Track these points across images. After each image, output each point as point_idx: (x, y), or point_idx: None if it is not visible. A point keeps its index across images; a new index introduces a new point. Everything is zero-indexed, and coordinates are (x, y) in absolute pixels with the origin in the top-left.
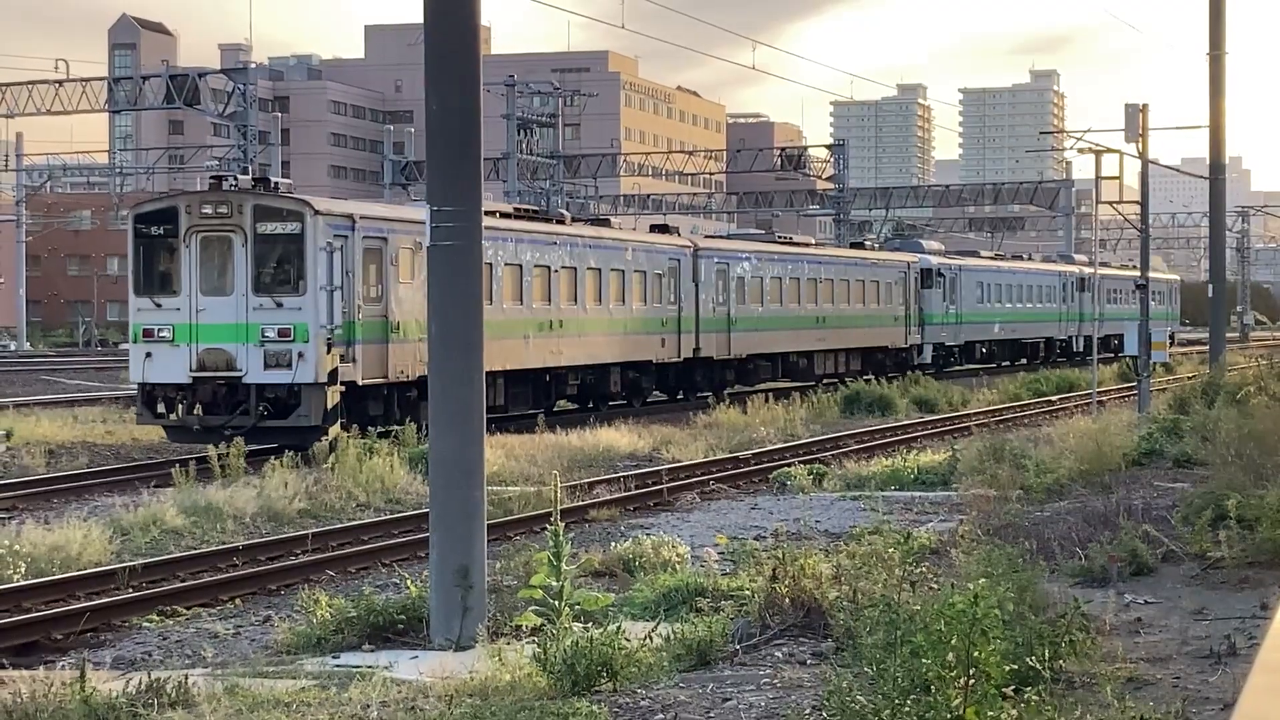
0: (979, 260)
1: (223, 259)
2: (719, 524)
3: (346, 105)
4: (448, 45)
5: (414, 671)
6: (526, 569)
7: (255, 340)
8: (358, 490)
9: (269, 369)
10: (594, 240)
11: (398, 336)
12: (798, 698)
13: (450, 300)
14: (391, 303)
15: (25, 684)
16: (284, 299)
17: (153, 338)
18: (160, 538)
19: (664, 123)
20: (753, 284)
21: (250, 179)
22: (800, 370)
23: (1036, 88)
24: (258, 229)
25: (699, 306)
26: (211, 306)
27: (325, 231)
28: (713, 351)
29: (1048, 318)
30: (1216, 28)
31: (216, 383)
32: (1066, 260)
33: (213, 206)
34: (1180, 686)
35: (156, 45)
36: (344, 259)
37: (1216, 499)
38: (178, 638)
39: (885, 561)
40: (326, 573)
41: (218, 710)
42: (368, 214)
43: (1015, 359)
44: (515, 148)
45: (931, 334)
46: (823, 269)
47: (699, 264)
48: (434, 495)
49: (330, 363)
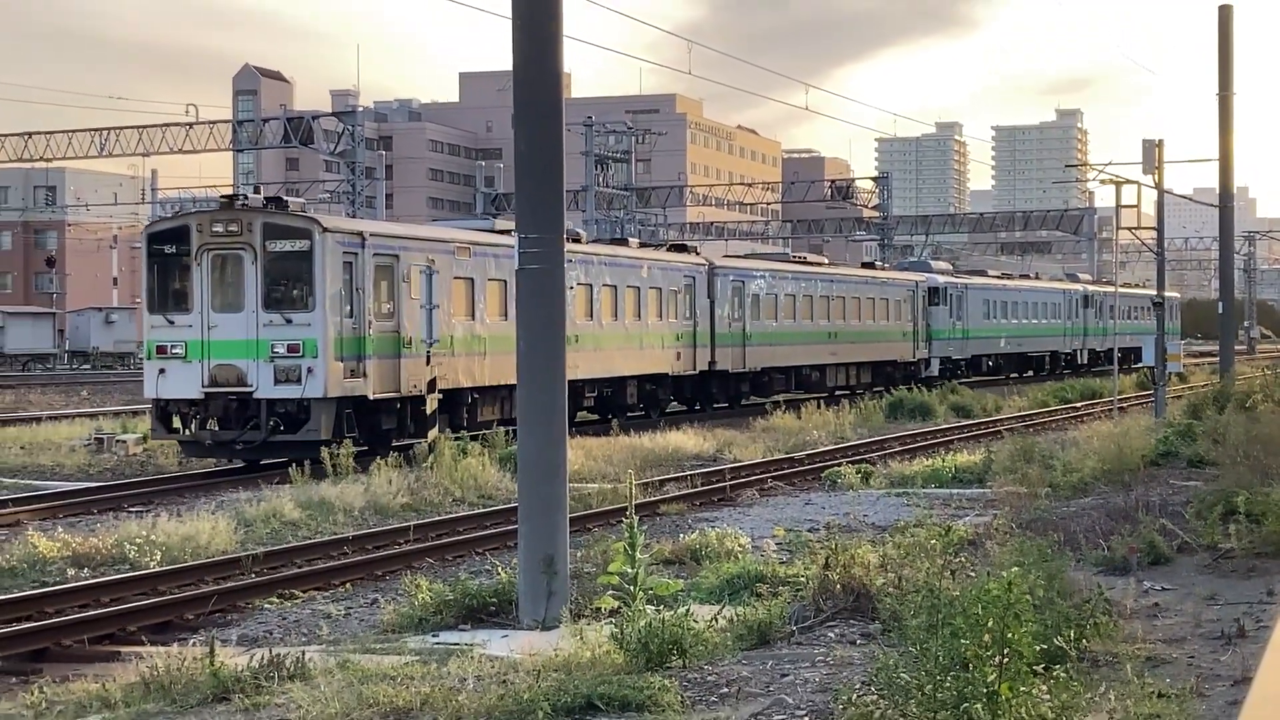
0: (985, 279)
1: (234, 276)
2: (776, 518)
3: (443, 144)
4: (534, 91)
5: (505, 649)
6: (604, 557)
7: (265, 356)
8: (453, 487)
9: (279, 384)
10: (609, 258)
11: (410, 351)
12: (848, 674)
13: (536, 317)
14: (404, 319)
15: (161, 659)
16: (293, 315)
17: (166, 354)
18: (279, 529)
19: (726, 158)
20: (767, 300)
21: (262, 198)
22: (813, 382)
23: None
24: (267, 246)
25: (714, 322)
26: (223, 323)
27: (334, 249)
28: (728, 365)
29: (1053, 332)
30: (1225, 70)
31: (228, 398)
32: (1072, 279)
33: (223, 225)
34: (1194, 665)
35: (275, 91)
36: (354, 276)
37: (1227, 496)
38: (295, 618)
39: (927, 551)
40: (426, 560)
41: (332, 683)
42: (378, 232)
43: (1022, 371)
44: (593, 181)
45: (938, 348)
46: (834, 287)
47: (714, 281)
48: (522, 491)
49: (429, 372)
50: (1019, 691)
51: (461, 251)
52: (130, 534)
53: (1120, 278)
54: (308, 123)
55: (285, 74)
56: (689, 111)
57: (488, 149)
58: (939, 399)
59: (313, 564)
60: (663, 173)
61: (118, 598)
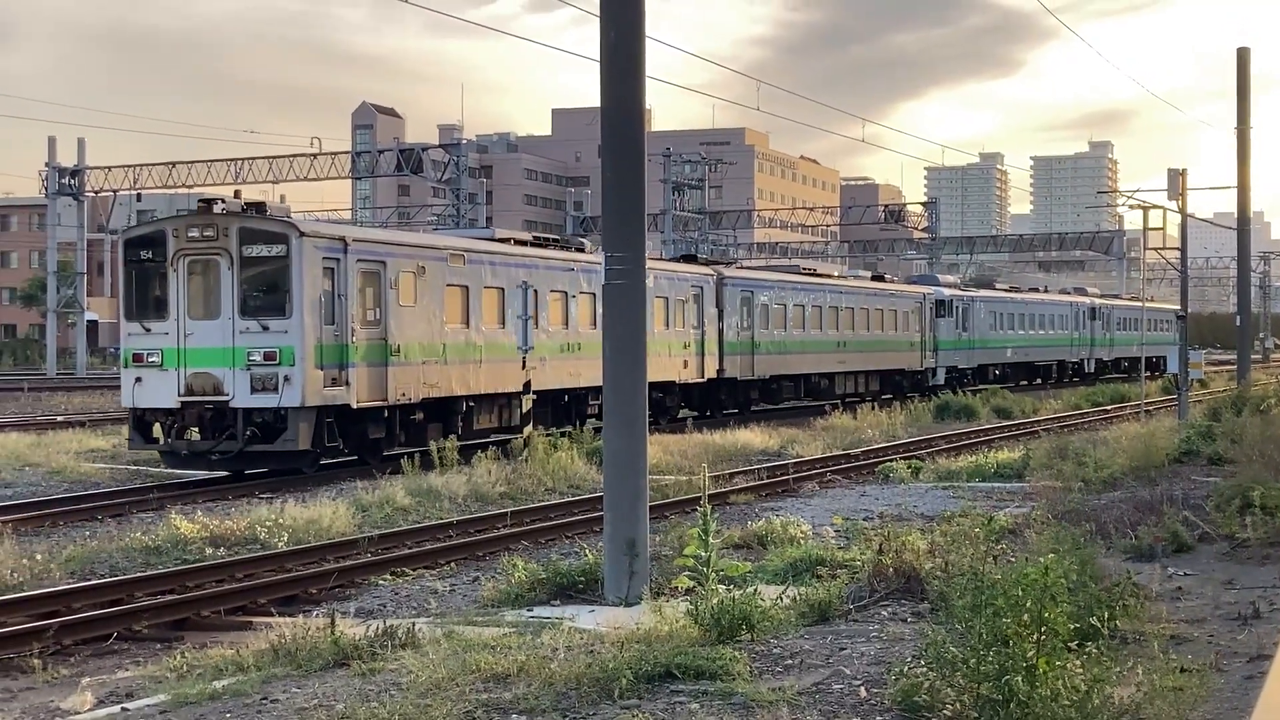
0: (991, 292)
1: (210, 282)
2: (835, 507)
3: (537, 172)
4: (619, 125)
5: (592, 622)
6: (680, 542)
7: (242, 364)
8: (545, 478)
9: (255, 393)
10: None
11: (399, 359)
12: (900, 648)
13: (621, 326)
14: (391, 326)
15: (288, 628)
16: (270, 322)
17: (142, 362)
18: (392, 514)
19: (789, 184)
20: (776, 310)
21: (241, 202)
22: (822, 390)
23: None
24: (244, 252)
25: (723, 330)
26: (199, 330)
27: (312, 254)
28: (737, 372)
29: (1060, 343)
30: (1243, 106)
31: (204, 407)
32: (1080, 292)
33: (199, 230)
34: (1214, 643)
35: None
36: (336, 282)
37: (1243, 490)
38: (406, 593)
39: (971, 539)
40: (521, 543)
41: (438, 650)
42: (362, 237)
43: (1031, 379)
44: (670, 205)
45: (944, 358)
46: (844, 298)
47: (723, 291)
48: (607, 482)
49: (524, 375)
50: (1055, 665)
51: (455, 259)
52: (260, 518)
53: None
54: (418, 154)
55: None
56: (757, 143)
57: (576, 177)
58: (982, 402)
59: (421, 545)
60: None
61: (249, 574)
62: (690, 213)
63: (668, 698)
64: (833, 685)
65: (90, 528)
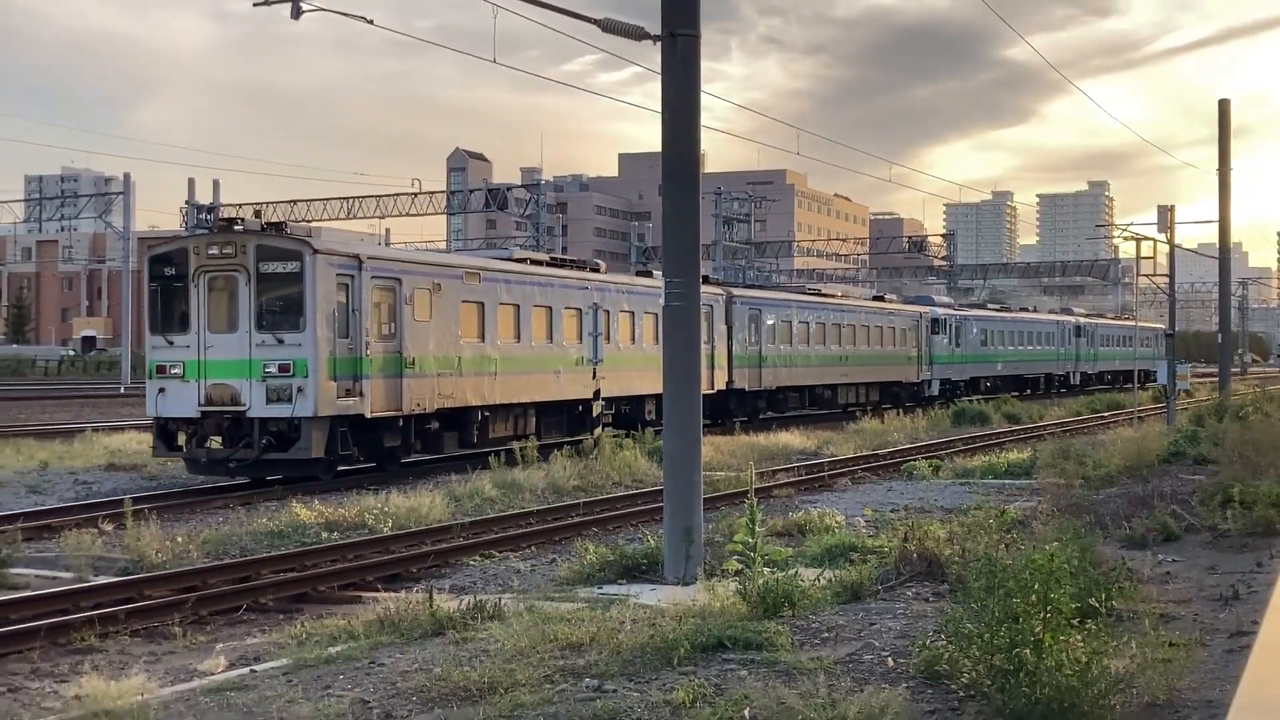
0: (983, 311)
1: (229, 298)
2: (865, 500)
3: (606, 209)
4: (678, 168)
5: (653, 599)
6: (730, 530)
7: (258, 376)
8: (613, 473)
9: (270, 403)
10: (627, 286)
11: (413, 371)
12: (923, 624)
13: (679, 343)
14: (406, 339)
15: (392, 602)
16: (285, 335)
17: (165, 374)
18: (481, 503)
19: (825, 219)
20: (781, 327)
21: (260, 221)
22: (825, 400)
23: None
24: (260, 268)
25: (731, 345)
26: (218, 343)
27: (326, 270)
28: (745, 384)
29: (1047, 358)
30: (1224, 151)
31: (223, 416)
32: (1067, 312)
33: (219, 247)
34: (1199, 621)
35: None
36: (350, 297)
37: (1224, 487)
38: (493, 572)
39: (985, 529)
40: (592, 530)
41: (521, 622)
42: (377, 255)
43: (1021, 391)
44: (721, 236)
45: (939, 371)
46: (845, 316)
47: (732, 309)
48: (667, 478)
49: (595, 384)
50: (1059, 640)
51: (470, 277)
52: (368, 506)
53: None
54: (503, 193)
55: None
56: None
57: (640, 213)
58: (994, 409)
59: (506, 531)
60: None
61: (359, 555)
62: (738, 243)
63: (720, 665)
64: (864, 655)
65: (223, 514)
